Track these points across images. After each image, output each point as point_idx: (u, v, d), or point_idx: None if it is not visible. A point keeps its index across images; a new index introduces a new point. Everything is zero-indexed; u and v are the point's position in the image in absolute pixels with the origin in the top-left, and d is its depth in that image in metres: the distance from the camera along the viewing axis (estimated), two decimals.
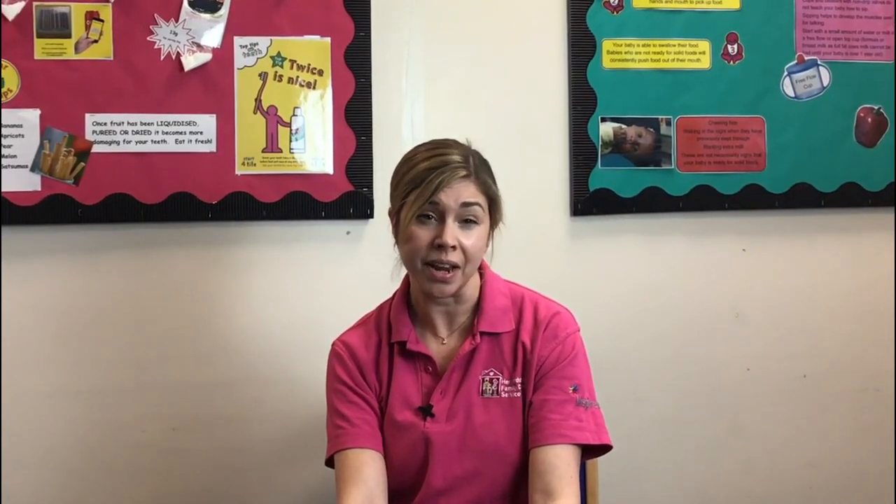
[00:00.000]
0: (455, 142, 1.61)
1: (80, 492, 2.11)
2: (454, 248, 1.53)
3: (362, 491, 1.55)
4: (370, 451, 1.59)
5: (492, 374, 1.61)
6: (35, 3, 2.04)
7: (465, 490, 1.60)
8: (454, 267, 1.54)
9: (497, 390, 1.61)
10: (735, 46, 2.30)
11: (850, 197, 2.36)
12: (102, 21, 2.06)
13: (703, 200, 2.30)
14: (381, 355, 1.65)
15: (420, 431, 1.59)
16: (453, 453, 1.59)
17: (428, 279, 1.56)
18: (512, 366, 1.61)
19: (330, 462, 1.64)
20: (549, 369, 1.60)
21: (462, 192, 1.54)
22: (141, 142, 2.08)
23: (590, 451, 1.63)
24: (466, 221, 1.55)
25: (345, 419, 1.61)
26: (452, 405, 1.60)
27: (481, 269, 1.66)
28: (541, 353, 1.60)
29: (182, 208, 2.10)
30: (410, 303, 1.67)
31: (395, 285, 1.72)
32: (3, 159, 2.03)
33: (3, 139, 2.03)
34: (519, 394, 1.61)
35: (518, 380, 1.61)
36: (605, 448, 1.62)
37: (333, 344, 1.69)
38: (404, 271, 1.68)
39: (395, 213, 1.61)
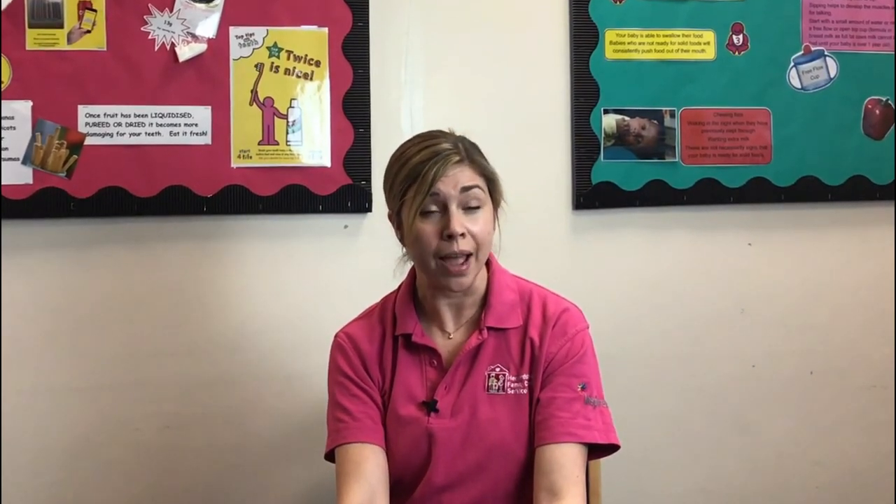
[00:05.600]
0: (440, 132, 1.60)
1: (74, 490, 2.09)
2: (463, 235, 1.52)
3: (363, 486, 1.53)
4: (372, 445, 1.57)
5: (498, 369, 1.59)
6: None
7: (468, 487, 1.57)
8: (468, 256, 1.53)
9: (503, 386, 1.58)
10: (740, 37, 2.28)
11: (858, 190, 2.34)
12: (95, 11, 2.04)
13: (707, 194, 2.28)
14: (384, 348, 1.63)
15: (423, 427, 1.57)
16: (457, 449, 1.57)
17: (443, 274, 1.54)
18: (519, 362, 1.59)
19: (329, 456, 1.62)
20: (557, 366, 1.58)
21: (459, 177, 1.53)
22: (135, 134, 2.06)
23: (597, 451, 1.60)
24: (470, 208, 1.54)
25: (346, 412, 1.59)
26: (457, 400, 1.58)
27: (488, 262, 1.64)
28: (549, 350, 1.58)
29: (177, 202, 2.07)
30: (416, 296, 1.65)
31: (396, 282, 1.70)
32: None
33: None
34: (525, 390, 1.58)
35: (525, 376, 1.59)
36: (612, 448, 1.60)
37: (336, 335, 1.67)
38: (407, 267, 1.67)
39: (395, 215, 1.60)
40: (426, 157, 1.53)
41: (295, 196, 2.11)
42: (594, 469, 1.93)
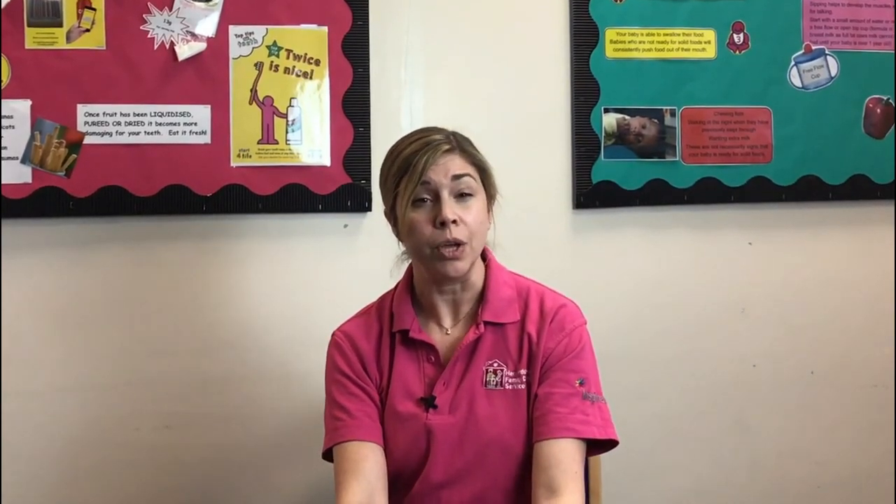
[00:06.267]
0: (433, 127, 1.62)
1: (73, 490, 2.08)
2: (455, 222, 1.52)
3: (362, 484, 1.52)
4: (370, 443, 1.57)
5: (496, 365, 1.59)
6: None
7: (466, 483, 1.57)
8: (461, 244, 1.53)
9: (501, 382, 1.58)
10: (741, 36, 2.27)
11: (859, 189, 2.34)
12: (94, 10, 2.03)
13: (708, 193, 2.28)
14: (382, 345, 1.63)
15: (422, 423, 1.57)
16: (455, 445, 1.57)
17: (439, 261, 1.54)
18: (517, 357, 1.59)
19: (327, 455, 1.62)
20: (555, 362, 1.57)
21: (450, 165, 1.54)
22: (134, 133, 2.05)
23: (595, 447, 1.60)
24: (462, 196, 1.55)
25: (344, 411, 1.59)
26: (455, 396, 1.58)
27: (486, 258, 1.64)
28: (547, 346, 1.58)
29: (176, 201, 2.07)
30: (414, 293, 1.65)
31: (395, 281, 1.69)
32: None
33: None
34: (524, 386, 1.58)
35: (523, 371, 1.58)
36: (611, 444, 1.59)
37: (334, 334, 1.67)
38: (404, 266, 1.67)
39: (390, 210, 1.60)
40: (417, 147, 1.54)
41: (294, 195, 2.11)
42: (594, 469, 1.92)
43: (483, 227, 1.57)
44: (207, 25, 2.07)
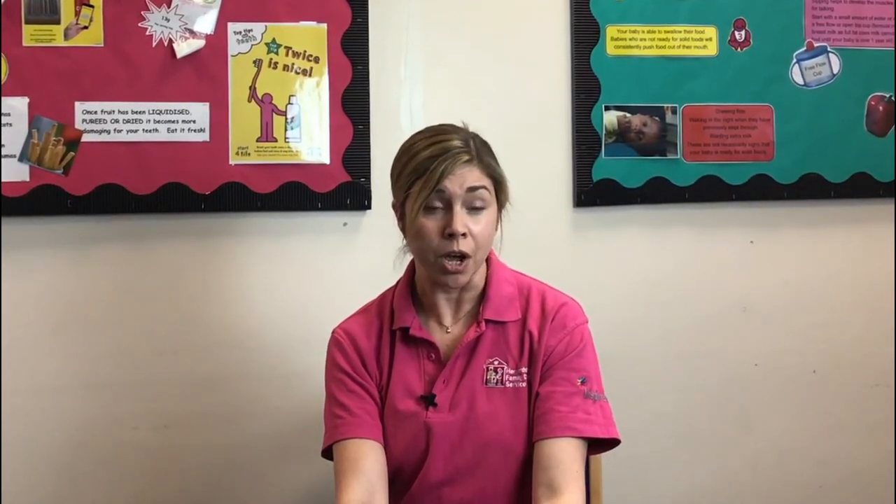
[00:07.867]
0: (453, 126, 1.59)
1: (71, 490, 2.08)
2: (464, 235, 1.51)
3: (362, 483, 1.52)
4: (370, 441, 1.56)
5: (496, 363, 1.58)
6: None
7: (466, 482, 1.57)
8: (466, 257, 1.52)
9: (502, 380, 1.58)
10: (742, 33, 2.26)
11: (861, 187, 2.33)
12: (92, 7, 2.03)
13: (709, 191, 2.27)
14: (382, 343, 1.62)
15: (422, 421, 1.56)
16: (454, 443, 1.56)
17: (441, 272, 1.54)
18: (518, 355, 1.59)
19: (327, 453, 1.61)
20: (556, 360, 1.57)
21: (467, 176, 1.52)
22: (132, 131, 2.05)
23: (597, 446, 1.59)
24: (474, 208, 1.53)
25: (344, 409, 1.58)
26: (455, 394, 1.57)
27: (488, 257, 1.64)
28: (548, 344, 1.57)
29: (174, 199, 2.06)
30: (415, 290, 1.65)
31: (395, 276, 1.69)
32: None
33: None
34: (524, 384, 1.58)
35: (524, 370, 1.58)
36: (612, 442, 1.59)
37: (334, 331, 1.66)
38: (407, 260, 1.67)
39: (399, 206, 1.59)
40: (435, 152, 1.52)
41: (294, 193, 2.10)
42: (595, 468, 1.92)
43: (490, 239, 1.56)
44: (206, 22, 2.06)
